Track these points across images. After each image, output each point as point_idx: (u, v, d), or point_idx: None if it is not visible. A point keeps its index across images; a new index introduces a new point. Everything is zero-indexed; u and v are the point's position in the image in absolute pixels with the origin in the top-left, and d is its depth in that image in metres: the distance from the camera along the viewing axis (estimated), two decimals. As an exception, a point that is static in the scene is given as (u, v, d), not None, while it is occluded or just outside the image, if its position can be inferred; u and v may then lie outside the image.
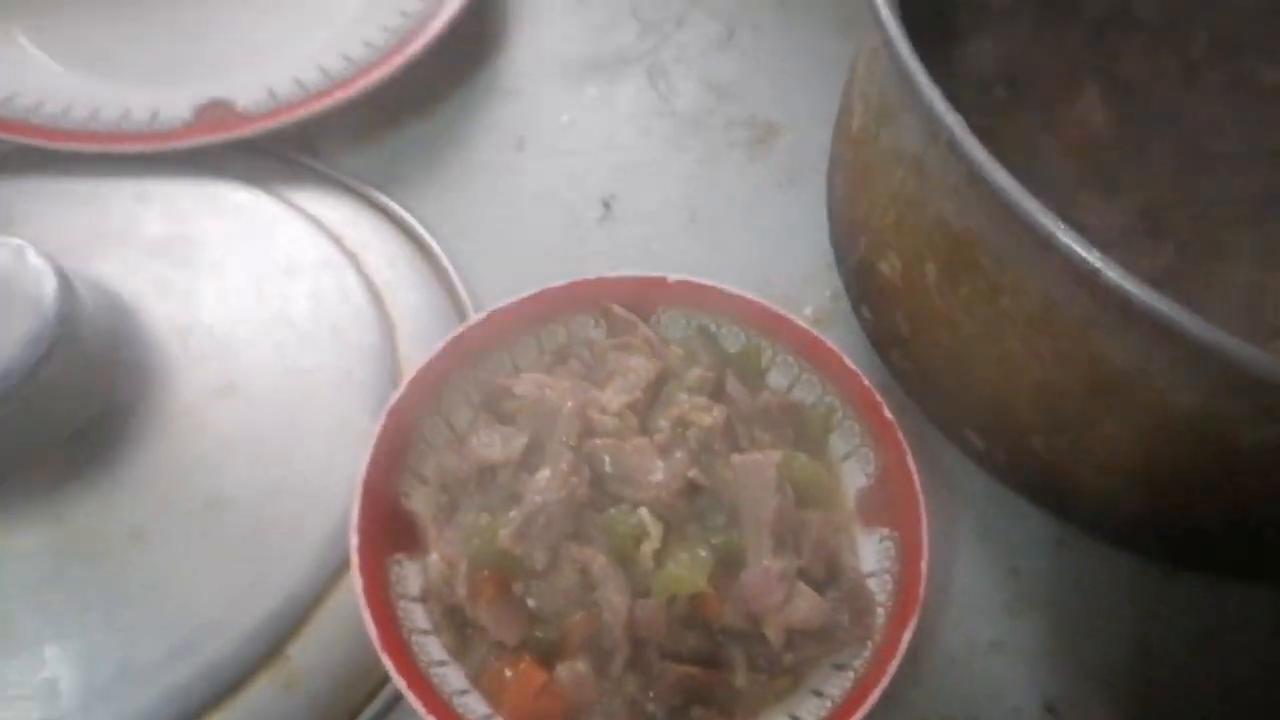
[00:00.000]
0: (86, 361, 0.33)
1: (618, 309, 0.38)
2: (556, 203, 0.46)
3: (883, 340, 0.39)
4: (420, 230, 0.44)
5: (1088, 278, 0.24)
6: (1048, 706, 0.35)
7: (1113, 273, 0.24)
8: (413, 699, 0.29)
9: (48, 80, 0.44)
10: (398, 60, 0.45)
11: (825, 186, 0.44)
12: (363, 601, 0.31)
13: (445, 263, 0.44)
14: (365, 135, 0.47)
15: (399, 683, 0.29)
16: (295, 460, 0.35)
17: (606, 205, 0.46)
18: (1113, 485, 0.32)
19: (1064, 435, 0.32)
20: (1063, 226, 0.25)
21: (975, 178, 0.27)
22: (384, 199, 0.45)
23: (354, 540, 0.32)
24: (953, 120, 0.27)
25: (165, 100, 0.43)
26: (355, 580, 0.31)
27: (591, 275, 0.38)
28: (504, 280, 0.43)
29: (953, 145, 0.27)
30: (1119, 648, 0.36)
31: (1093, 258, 0.24)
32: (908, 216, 0.34)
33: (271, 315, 0.38)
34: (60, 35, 0.47)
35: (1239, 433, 0.27)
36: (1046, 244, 0.25)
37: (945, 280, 0.33)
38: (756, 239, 0.46)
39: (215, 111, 0.43)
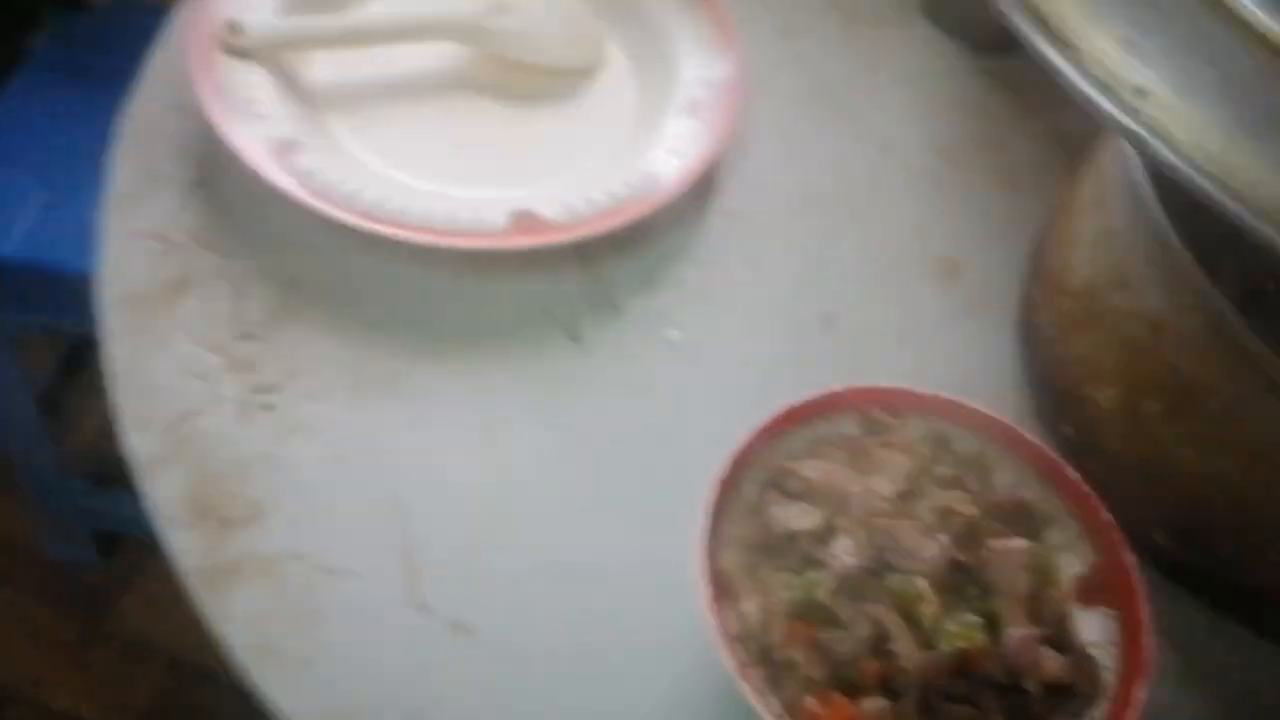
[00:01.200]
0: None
1: (877, 411, 0.47)
2: (782, 313, 0.55)
3: (1082, 454, 0.48)
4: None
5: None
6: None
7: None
8: (764, 715, 0.36)
9: (381, 183, 0.53)
10: (670, 189, 0.54)
11: (1014, 321, 0.54)
12: (720, 640, 0.38)
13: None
14: (627, 249, 0.55)
15: (756, 704, 0.37)
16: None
17: (826, 321, 0.55)
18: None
19: (1257, 541, 0.41)
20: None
21: (1223, 337, 0.36)
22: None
23: (704, 586, 0.39)
24: (1223, 305, 0.36)
25: (486, 205, 0.52)
26: (710, 623, 0.38)
27: (818, 381, 0.46)
28: (747, 376, 0.52)
29: (1220, 322, 0.36)
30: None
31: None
32: (1134, 360, 0.43)
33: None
34: (388, 144, 0.55)
35: None
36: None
37: (1166, 415, 0.42)
38: (954, 358, 0.54)
39: (527, 219, 0.51)
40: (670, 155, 0.56)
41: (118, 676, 1.12)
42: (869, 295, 0.57)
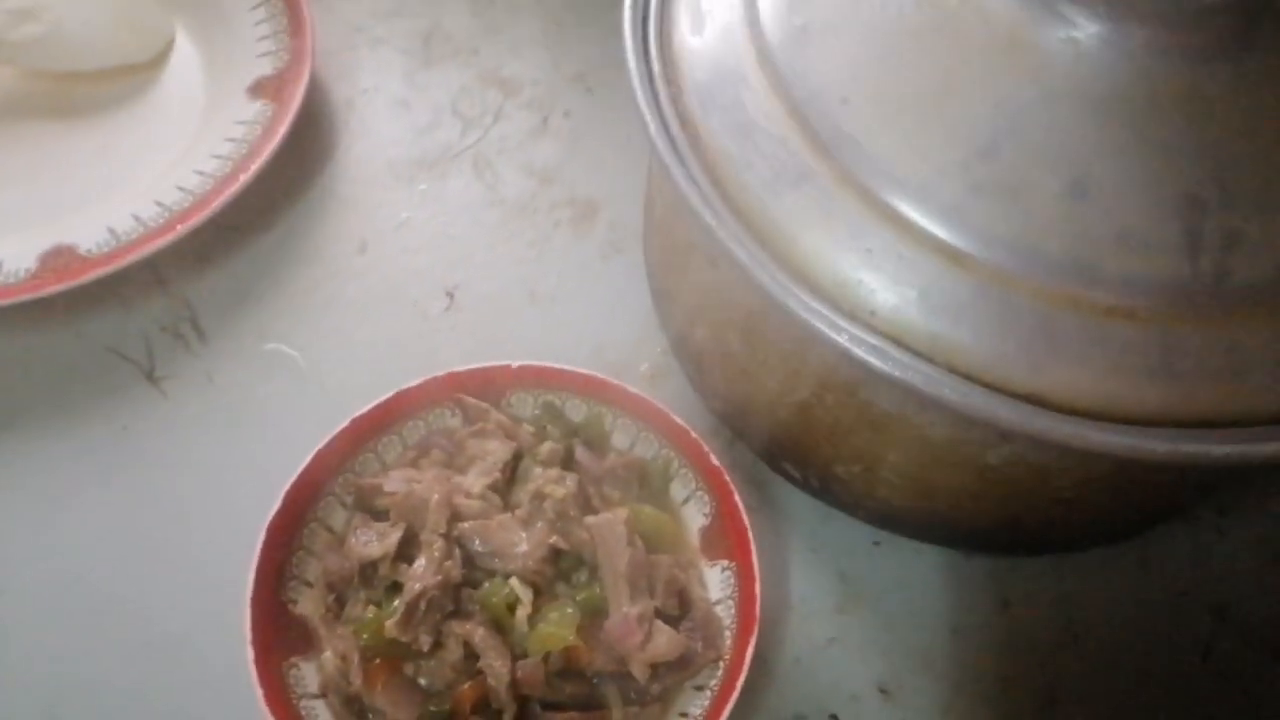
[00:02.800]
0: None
1: (469, 399, 0.42)
2: (403, 298, 0.50)
3: (706, 392, 0.45)
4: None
5: (842, 352, 0.30)
6: (881, 689, 0.42)
7: (859, 350, 0.29)
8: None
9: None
10: (233, 186, 0.47)
11: (644, 263, 0.50)
12: (264, 709, 0.34)
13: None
14: (210, 259, 0.49)
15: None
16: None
17: (450, 295, 0.50)
18: (902, 498, 0.39)
19: (858, 463, 0.39)
20: (818, 312, 0.31)
21: (745, 277, 0.32)
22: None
23: (250, 654, 0.35)
24: (724, 231, 0.32)
25: (8, 251, 0.45)
26: (255, 689, 0.34)
27: (442, 365, 0.42)
28: (360, 379, 0.47)
29: (724, 252, 0.32)
30: (935, 627, 0.43)
31: (842, 340, 0.30)
32: (710, 295, 0.39)
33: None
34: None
35: (982, 453, 0.34)
36: (807, 330, 0.31)
37: (746, 347, 0.38)
38: (590, 309, 0.51)
39: (60, 258, 0.45)
40: (237, 145, 0.49)
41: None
42: (497, 257, 0.52)
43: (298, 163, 0.53)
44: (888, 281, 0.30)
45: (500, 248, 0.52)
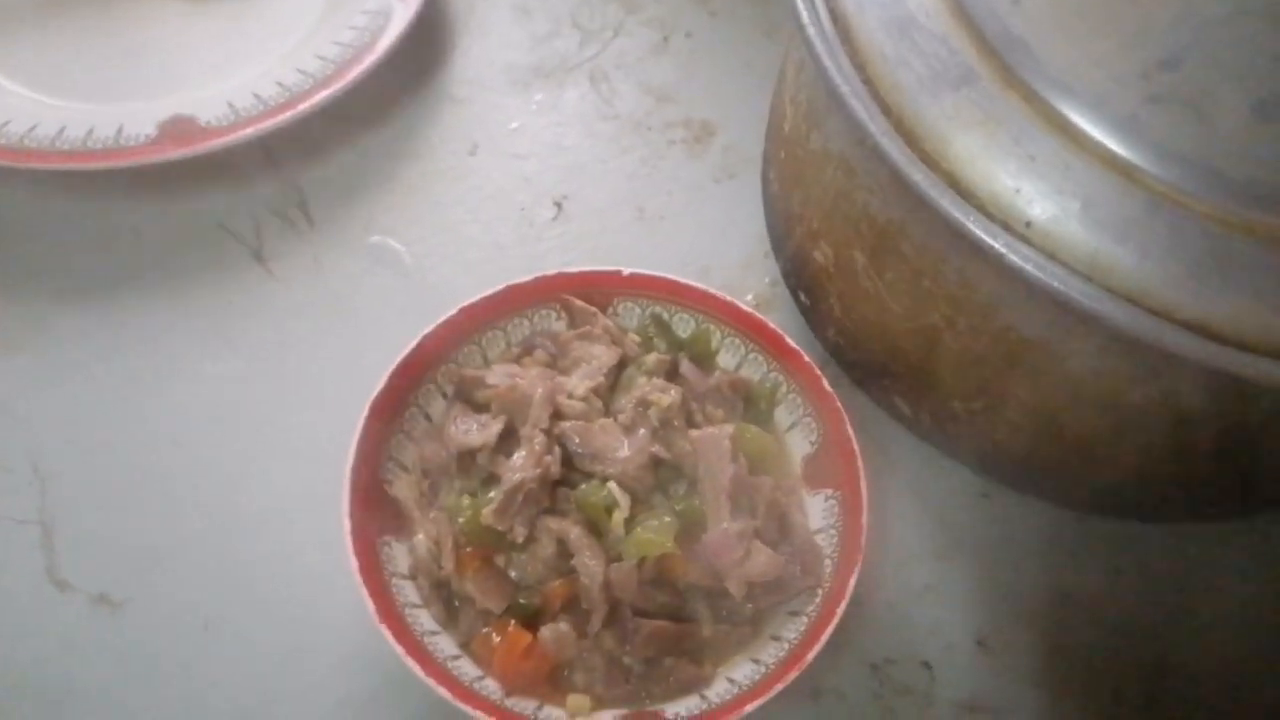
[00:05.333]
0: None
1: (578, 301, 0.41)
2: (510, 204, 0.49)
3: (819, 321, 0.43)
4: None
5: (995, 261, 0.28)
6: (978, 640, 0.40)
7: (1016, 256, 0.28)
8: (411, 664, 0.32)
9: (9, 101, 0.46)
10: (352, 73, 0.47)
11: (760, 182, 0.48)
12: (359, 580, 0.33)
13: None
14: (323, 147, 0.49)
15: (397, 650, 0.32)
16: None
17: (558, 205, 0.49)
18: (1024, 442, 0.37)
19: (980, 399, 0.37)
20: (973, 216, 0.29)
21: (897, 177, 0.31)
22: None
23: (346, 525, 0.34)
24: (876, 127, 0.30)
25: (130, 117, 0.45)
26: (350, 561, 0.33)
27: (550, 271, 0.41)
28: (463, 279, 0.46)
29: (876, 149, 0.30)
30: (1039, 586, 0.41)
31: (999, 244, 0.28)
32: (838, 210, 0.37)
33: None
34: (18, 58, 0.48)
35: (1127, 390, 0.32)
36: (959, 233, 0.29)
37: (873, 266, 0.37)
38: (699, 231, 0.49)
39: (179, 126, 0.45)
40: (359, 34, 0.49)
41: None
42: (608, 171, 0.51)
43: (415, 60, 0.52)
44: (1049, 190, 0.28)
45: (612, 162, 0.51)
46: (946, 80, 0.30)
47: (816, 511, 0.39)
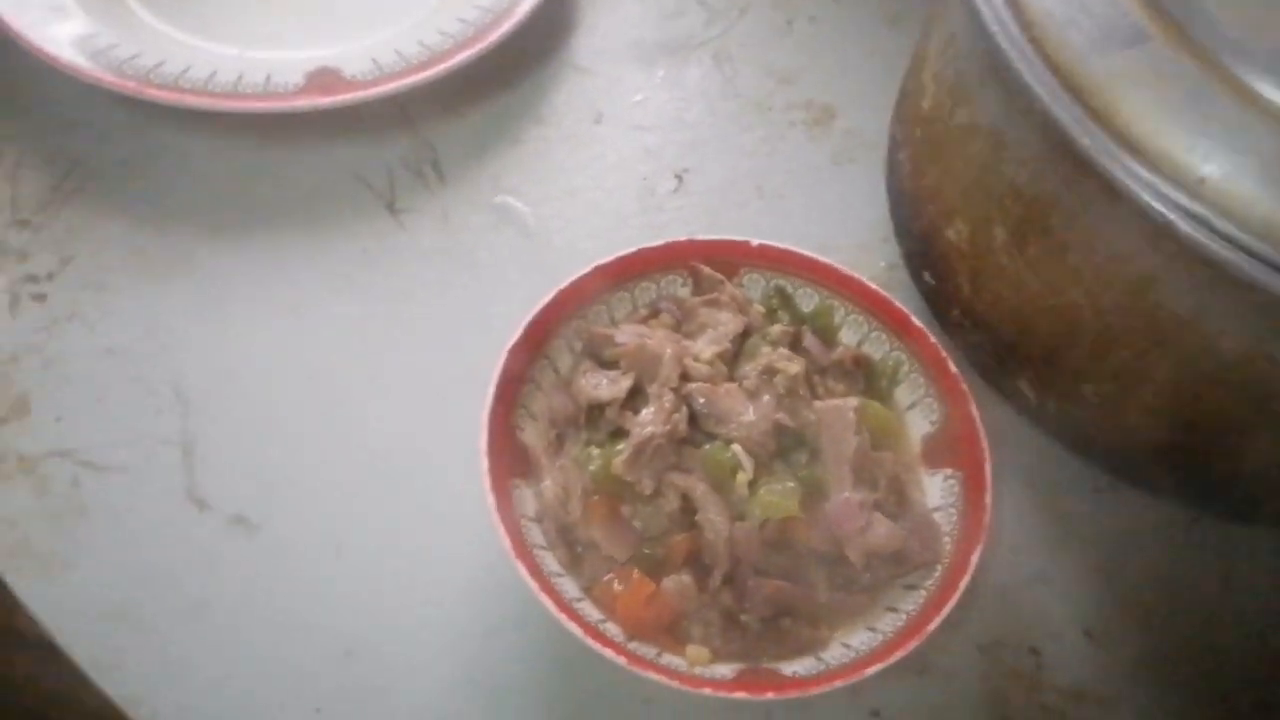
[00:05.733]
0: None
1: (705, 268, 0.42)
2: (632, 173, 0.50)
3: (943, 302, 0.43)
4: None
5: (1163, 229, 0.28)
6: (1086, 632, 0.40)
7: (1186, 226, 0.28)
8: (544, 599, 0.33)
9: (163, 43, 0.47)
10: (490, 38, 0.48)
11: (884, 165, 0.48)
12: (495, 517, 0.34)
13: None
14: (456, 107, 0.50)
15: (530, 585, 0.33)
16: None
17: (679, 178, 0.50)
18: (1156, 430, 0.37)
19: (1116, 382, 0.37)
20: (1143, 175, 0.29)
21: (1059, 144, 0.31)
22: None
23: (484, 464, 0.35)
24: (1043, 87, 0.30)
25: (278, 65, 0.46)
26: (487, 498, 0.35)
27: (680, 238, 0.42)
28: (586, 243, 0.47)
29: (1043, 111, 0.31)
30: (1150, 583, 0.41)
31: (1168, 211, 0.28)
32: (979, 185, 0.38)
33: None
34: (174, 2, 0.50)
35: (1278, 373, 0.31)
36: (1125, 195, 0.29)
37: (1014, 242, 0.37)
38: (817, 212, 0.50)
39: (325, 77, 0.46)
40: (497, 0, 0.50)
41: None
42: (729, 148, 0.51)
43: (546, 29, 0.53)
44: (1224, 149, 0.28)
45: (733, 140, 0.52)
46: (1117, 39, 0.30)
47: (935, 490, 0.39)
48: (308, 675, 0.36)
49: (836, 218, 0.49)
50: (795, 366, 0.38)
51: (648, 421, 0.36)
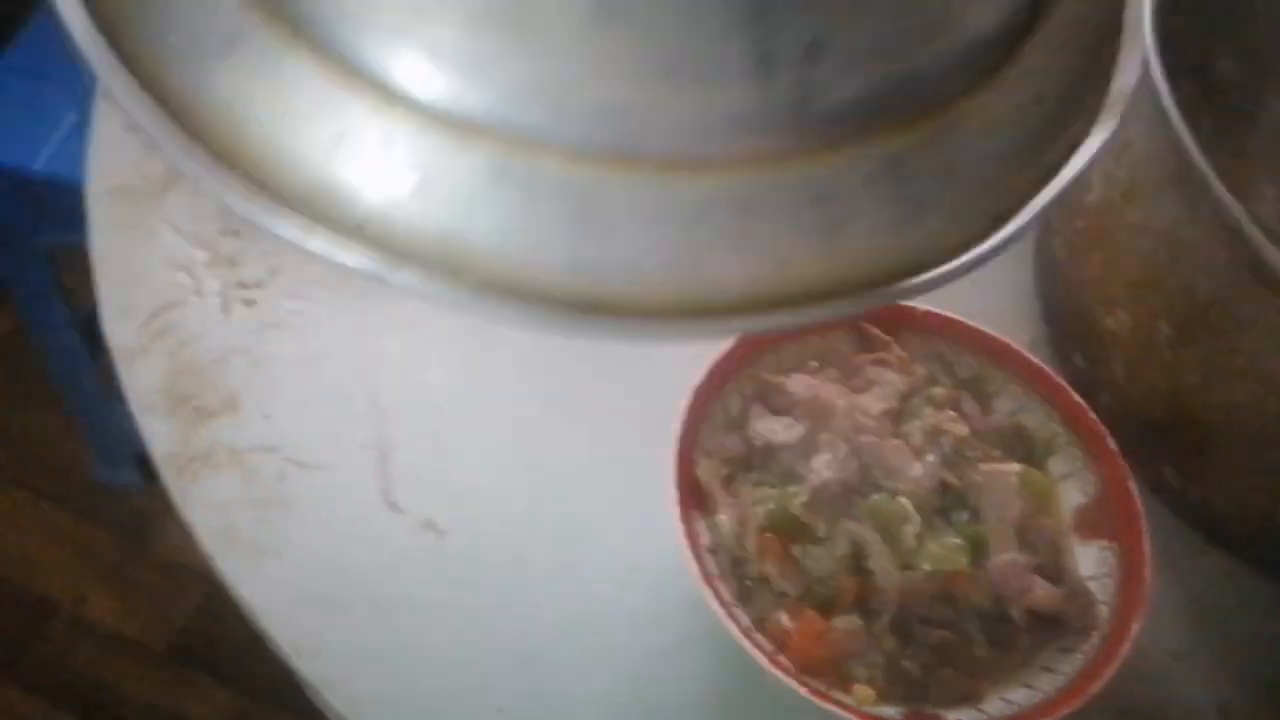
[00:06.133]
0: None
1: (872, 328, 0.44)
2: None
3: (1092, 384, 0.45)
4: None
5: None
6: (1222, 712, 0.41)
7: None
8: (729, 625, 0.35)
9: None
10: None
11: (1033, 244, 0.51)
12: (684, 544, 0.37)
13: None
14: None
15: (717, 610, 0.35)
16: None
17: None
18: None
19: (1269, 478, 0.38)
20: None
21: (1247, 260, 0.33)
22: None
23: (673, 494, 0.38)
24: (1239, 212, 0.33)
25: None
26: (677, 526, 0.37)
27: None
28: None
29: (1235, 232, 0.33)
30: (1286, 669, 0.42)
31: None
32: (1147, 280, 0.40)
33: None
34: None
35: None
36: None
37: (1179, 338, 0.39)
38: (958, 285, 0.52)
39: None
40: None
41: (157, 598, 1.15)
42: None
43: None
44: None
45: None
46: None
47: (1088, 560, 0.40)
48: (491, 677, 0.38)
49: (978, 293, 0.51)
50: (963, 429, 0.40)
51: (824, 466, 0.39)
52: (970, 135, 0.25)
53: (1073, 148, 0.26)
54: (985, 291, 0.52)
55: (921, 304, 0.46)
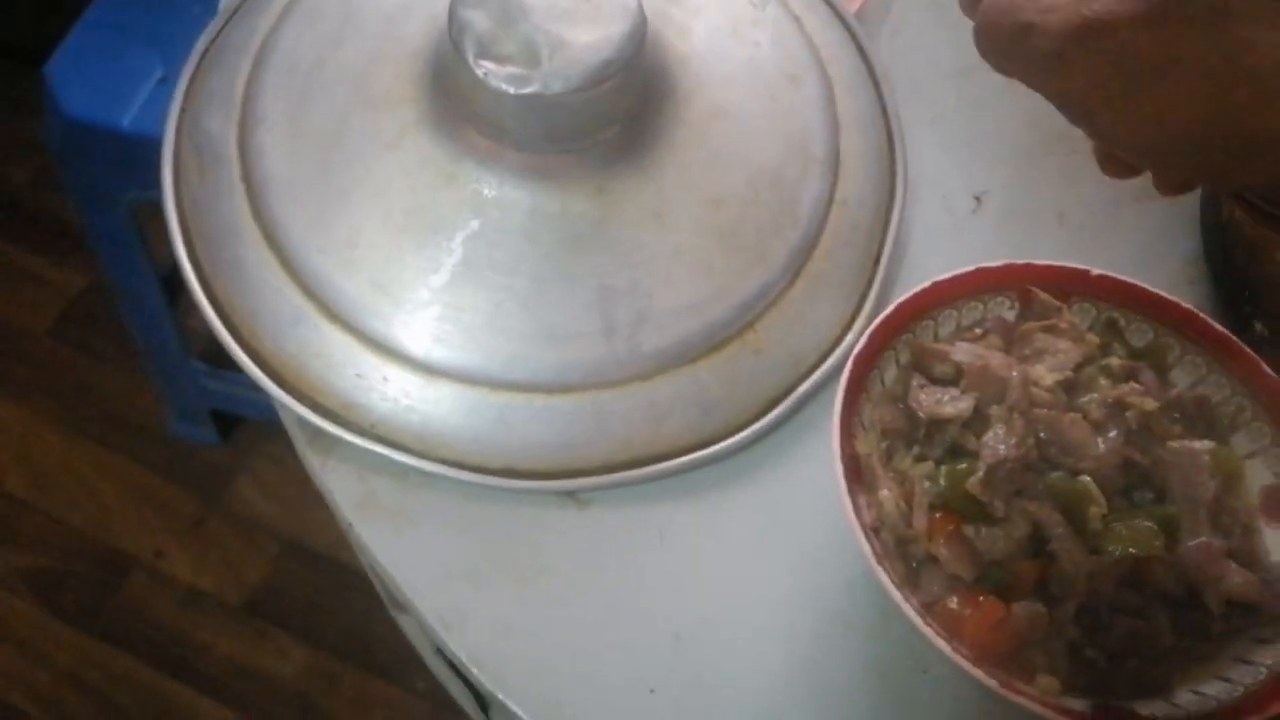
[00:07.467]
0: (638, 64, 0.41)
1: (1042, 293, 0.41)
2: (932, 191, 0.50)
3: (1277, 354, 0.42)
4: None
5: None
6: None
7: None
8: (906, 609, 0.33)
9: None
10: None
11: (1199, 206, 0.47)
12: (853, 523, 0.34)
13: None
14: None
15: (896, 597, 0.33)
16: (768, 177, 0.44)
17: (978, 199, 0.50)
18: None
19: None
20: None
21: None
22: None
23: (838, 468, 0.35)
24: None
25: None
26: (845, 507, 0.35)
27: (966, 263, 0.41)
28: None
29: None
30: None
31: None
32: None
33: (745, 58, 0.46)
34: None
35: None
36: None
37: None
38: (1119, 247, 0.49)
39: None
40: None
41: (233, 554, 1.16)
42: (1025, 174, 0.50)
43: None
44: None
45: (1034, 167, 0.51)
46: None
47: (1277, 545, 0.38)
48: (641, 655, 0.36)
49: (1140, 255, 0.48)
50: (1150, 403, 0.37)
51: (999, 442, 0.36)
52: (748, 356, 0.42)
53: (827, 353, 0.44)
54: (1146, 256, 0.48)
55: (1095, 266, 0.43)
